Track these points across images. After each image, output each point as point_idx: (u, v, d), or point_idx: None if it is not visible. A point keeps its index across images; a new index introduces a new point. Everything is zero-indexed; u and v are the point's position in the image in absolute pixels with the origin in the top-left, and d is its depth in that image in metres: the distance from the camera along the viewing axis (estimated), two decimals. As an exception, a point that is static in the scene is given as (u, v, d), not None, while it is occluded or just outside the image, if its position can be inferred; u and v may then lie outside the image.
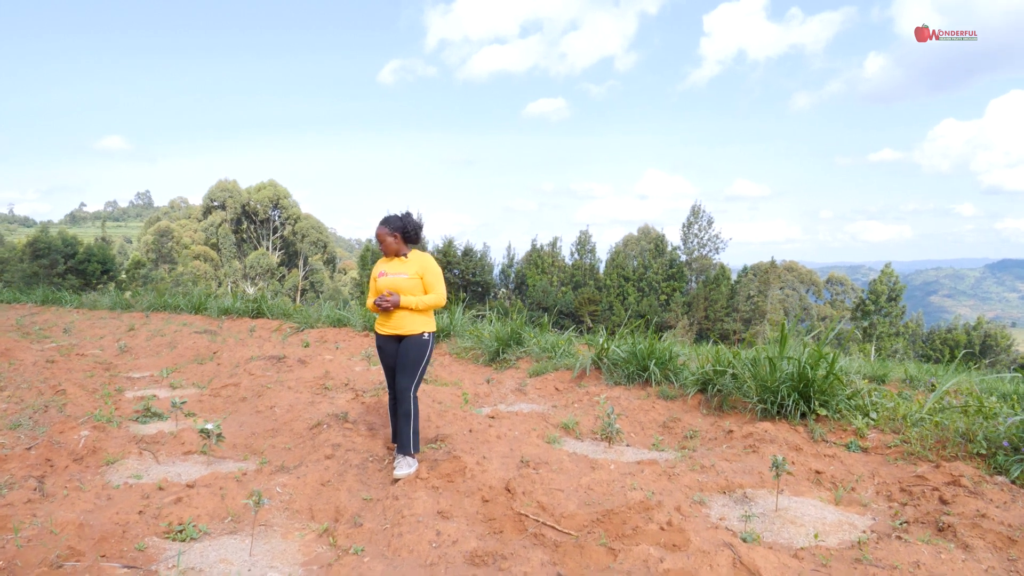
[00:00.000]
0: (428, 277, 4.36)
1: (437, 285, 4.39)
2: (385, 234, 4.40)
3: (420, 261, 4.41)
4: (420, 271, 4.35)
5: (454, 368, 8.35)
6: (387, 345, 4.49)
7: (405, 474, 4.16)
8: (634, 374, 6.78)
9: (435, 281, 4.39)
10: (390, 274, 4.41)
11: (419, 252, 4.49)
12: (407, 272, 4.36)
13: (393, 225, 4.41)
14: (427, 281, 4.36)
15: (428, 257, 4.44)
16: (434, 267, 4.41)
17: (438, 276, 4.42)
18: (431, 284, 4.37)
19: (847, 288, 76.10)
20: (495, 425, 5.17)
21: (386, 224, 4.41)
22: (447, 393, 6.70)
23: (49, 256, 40.18)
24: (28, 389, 6.76)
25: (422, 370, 4.37)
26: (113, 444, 4.98)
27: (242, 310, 13.81)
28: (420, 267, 4.37)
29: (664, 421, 5.82)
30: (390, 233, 4.40)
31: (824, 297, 75.06)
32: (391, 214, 4.47)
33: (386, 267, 4.49)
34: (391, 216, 4.46)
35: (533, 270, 57.71)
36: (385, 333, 4.47)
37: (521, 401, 6.86)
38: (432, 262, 4.42)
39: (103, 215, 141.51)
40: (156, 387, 7.56)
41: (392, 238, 4.40)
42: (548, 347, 8.32)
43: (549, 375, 7.48)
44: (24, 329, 12.98)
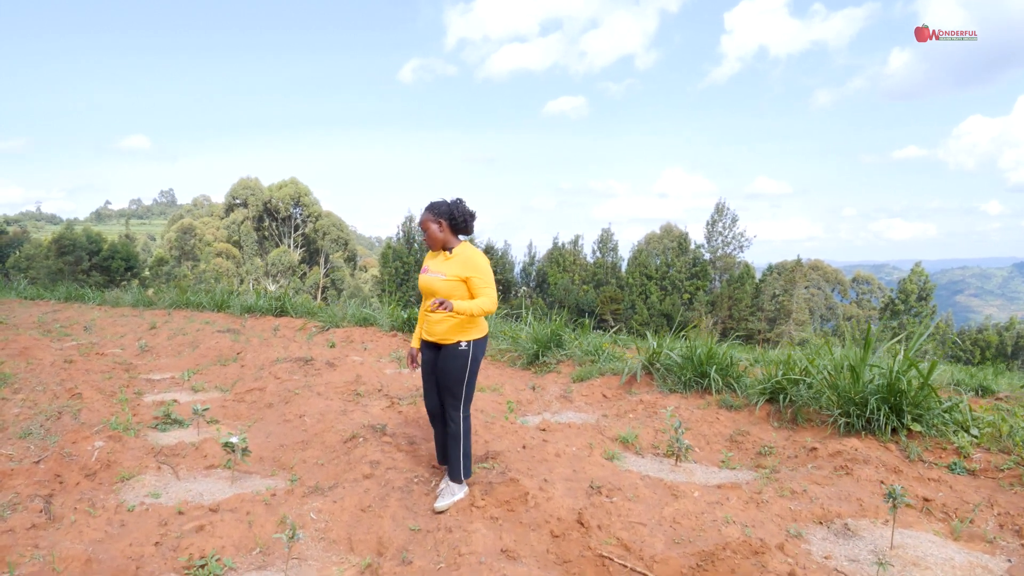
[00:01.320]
0: (475, 280, 3.64)
1: (486, 288, 3.65)
2: (429, 221, 3.73)
3: (465, 260, 3.69)
4: (463, 272, 3.66)
5: (491, 372, 7.84)
6: (426, 352, 3.91)
7: (445, 505, 3.65)
8: (691, 381, 6.21)
9: (483, 283, 3.65)
10: (430, 271, 3.77)
11: (468, 247, 3.78)
12: (446, 272, 3.69)
13: (439, 211, 3.73)
14: (473, 284, 3.64)
15: (476, 253, 3.72)
16: (482, 265, 3.68)
17: (487, 277, 3.68)
18: (478, 287, 3.63)
19: (874, 287, 74.52)
20: (550, 440, 4.65)
21: (431, 210, 3.75)
22: (488, 400, 6.19)
23: (74, 253, 40.41)
24: (43, 392, 6.36)
25: (467, 387, 3.74)
26: (129, 456, 4.53)
27: (265, 308, 13.43)
28: (464, 267, 3.67)
29: (731, 434, 5.26)
30: (434, 220, 3.72)
31: (850, 296, 73.56)
32: (439, 199, 3.83)
33: (429, 262, 3.85)
34: (437, 201, 3.79)
35: (555, 268, 57.15)
36: (424, 338, 3.89)
37: (568, 409, 6.33)
38: (480, 259, 3.69)
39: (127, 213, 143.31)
40: (177, 390, 7.14)
41: (437, 226, 3.73)
42: (591, 350, 7.78)
43: (595, 380, 6.94)
44: (45, 326, 12.71)
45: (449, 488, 3.75)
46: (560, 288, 52.71)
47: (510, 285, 54.92)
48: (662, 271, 57.78)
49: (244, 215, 64.40)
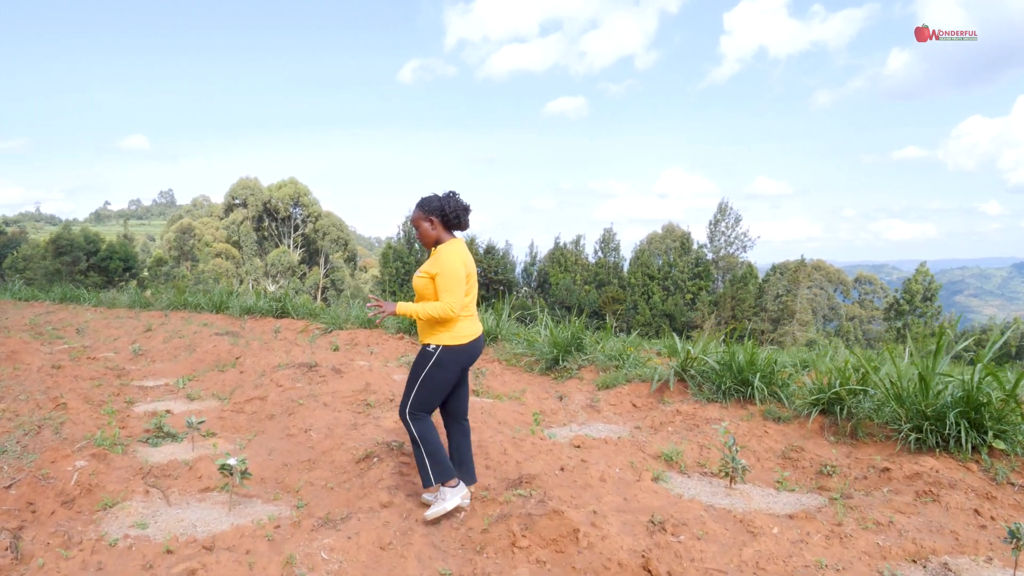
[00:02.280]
0: (438, 280, 3.38)
1: (444, 291, 3.36)
2: (420, 219, 3.53)
3: (437, 257, 3.45)
4: (432, 269, 3.42)
5: (507, 377, 7.32)
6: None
7: (435, 513, 3.37)
8: (731, 389, 5.70)
9: (443, 286, 3.36)
10: (420, 270, 3.53)
11: (450, 245, 3.49)
12: (422, 269, 3.48)
13: (429, 207, 3.51)
14: (436, 284, 3.39)
15: (450, 252, 3.43)
16: (449, 266, 3.38)
17: (451, 279, 3.36)
18: (439, 288, 3.38)
19: (876, 287, 74.08)
20: (588, 459, 4.13)
21: (421, 207, 3.53)
22: (509, 410, 5.67)
23: (71, 253, 39.89)
24: (26, 401, 5.85)
25: (420, 390, 3.47)
26: (114, 478, 4.02)
27: (265, 309, 12.92)
28: (434, 264, 3.43)
29: (783, 451, 4.75)
30: (425, 217, 3.51)
31: (852, 297, 73.07)
32: (429, 195, 3.58)
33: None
34: (428, 196, 3.56)
35: (556, 268, 56.64)
36: None
37: (596, 420, 5.81)
38: (449, 260, 3.39)
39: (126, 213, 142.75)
40: (171, 398, 6.63)
41: (428, 223, 3.52)
42: (614, 355, 7.26)
43: (622, 388, 6.43)
44: (37, 328, 12.20)
45: (435, 496, 3.51)
46: (562, 288, 52.19)
47: (511, 285, 54.43)
48: (664, 271, 57.33)
49: (243, 215, 63.82)
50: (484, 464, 4.00)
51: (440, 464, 3.46)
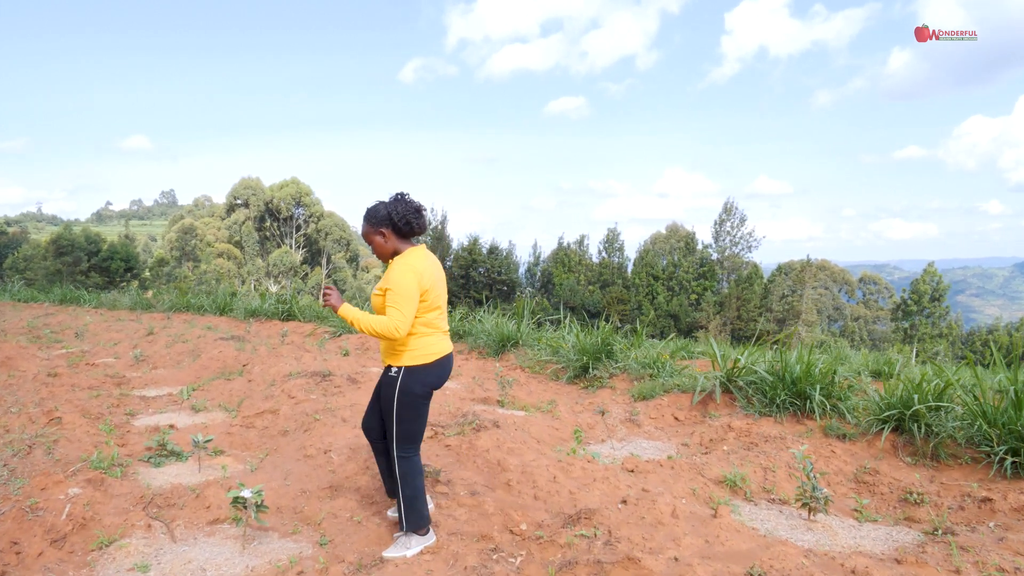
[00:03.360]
0: (389, 296, 2.97)
1: (392, 306, 2.94)
2: (370, 233, 3.12)
3: (391, 270, 3.03)
4: (385, 284, 3.03)
5: (532, 387, 6.85)
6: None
7: (392, 556, 3.07)
8: (786, 402, 5.22)
9: (392, 300, 2.95)
10: (376, 285, 3.16)
11: (409, 255, 3.08)
12: (379, 286, 3.09)
13: (376, 218, 3.09)
14: (387, 299, 2.99)
15: (402, 265, 3.00)
16: (399, 280, 2.95)
17: (400, 295, 2.93)
18: (389, 301, 2.97)
19: (880, 287, 73.57)
20: (649, 487, 3.65)
21: (368, 220, 3.12)
22: (543, 425, 5.20)
23: (72, 254, 39.47)
24: (18, 414, 5.38)
25: (402, 424, 3.08)
26: (112, 509, 3.55)
27: (271, 312, 12.47)
28: (388, 278, 3.02)
29: (855, 473, 4.28)
30: (375, 230, 3.10)
31: (857, 297, 72.54)
32: (375, 203, 3.15)
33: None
34: (373, 206, 3.13)
35: (560, 268, 56.20)
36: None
37: (637, 435, 5.34)
38: (400, 273, 2.96)
39: (128, 214, 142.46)
40: (175, 410, 6.16)
41: (380, 236, 3.11)
42: (648, 362, 6.79)
43: (661, 399, 5.95)
44: (35, 332, 11.74)
45: (402, 540, 3.15)
46: (566, 289, 51.74)
47: (514, 286, 53.97)
48: (669, 271, 56.92)
49: (245, 215, 63.41)
50: (532, 494, 3.52)
51: (417, 512, 3.12)
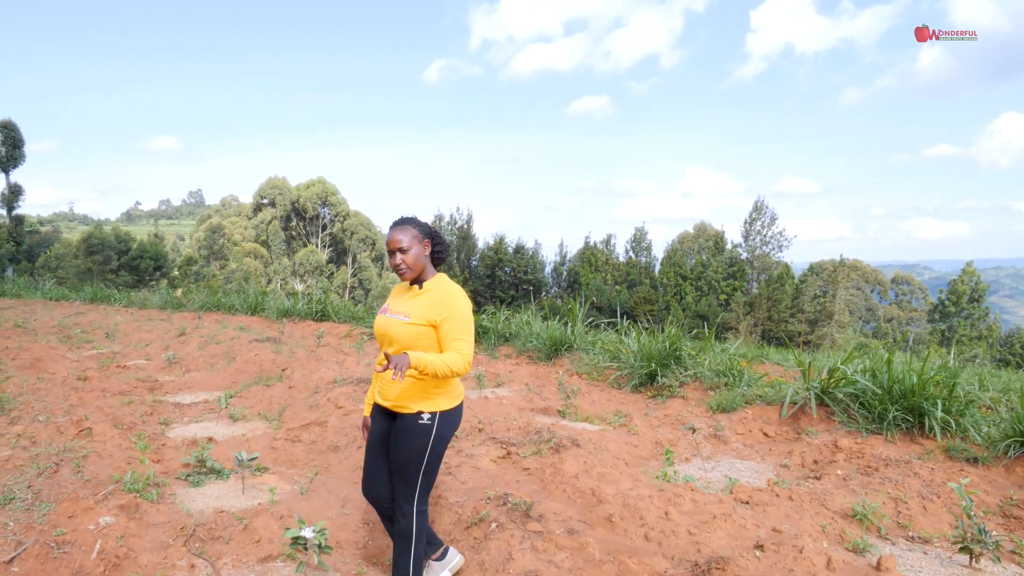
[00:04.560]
0: (449, 326, 2.49)
1: (461, 339, 2.48)
2: (415, 239, 2.57)
3: (442, 297, 2.54)
4: (435, 314, 2.51)
5: (595, 395, 6.28)
6: (378, 420, 2.75)
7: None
8: (897, 418, 4.60)
9: (459, 331, 2.49)
10: (391, 311, 2.62)
11: (447, 280, 2.65)
12: (411, 313, 2.54)
13: (425, 228, 2.64)
14: (445, 332, 2.50)
15: (457, 290, 2.58)
16: (463, 308, 2.53)
17: (466, 324, 2.52)
18: (450, 335, 2.49)
19: (914, 288, 71.76)
20: (780, 527, 3.08)
21: (415, 224, 2.62)
22: (621, 442, 4.64)
23: (103, 252, 39.73)
24: (46, 424, 4.96)
25: (426, 475, 2.62)
26: (149, 543, 3.07)
27: (304, 312, 12.05)
28: (437, 306, 2.52)
29: (999, 506, 3.66)
30: (420, 239, 2.59)
31: (889, 297, 70.82)
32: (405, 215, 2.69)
33: (393, 300, 2.71)
34: (412, 217, 2.66)
35: (586, 268, 55.52)
36: (378, 402, 2.73)
37: (725, 454, 4.76)
38: (462, 299, 2.56)
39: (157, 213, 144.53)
40: (212, 419, 5.71)
41: (422, 247, 2.59)
42: (723, 369, 6.19)
43: (745, 412, 5.36)
44: (66, 331, 11.46)
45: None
46: (592, 289, 51.09)
47: (540, 286, 53.45)
48: (697, 271, 55.95)
49: (272, 215, 63.60)
50: (642, 534, 2.97)
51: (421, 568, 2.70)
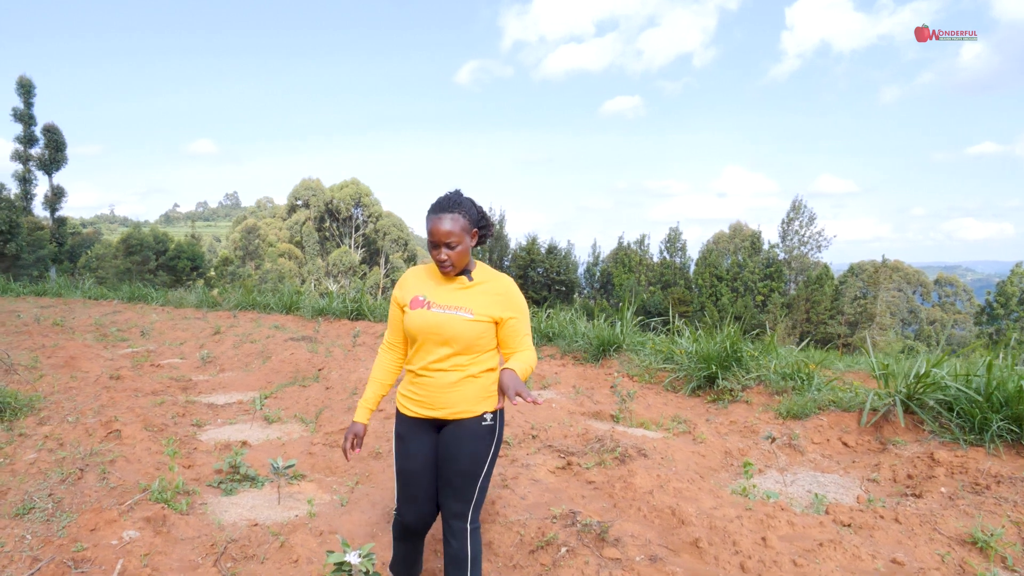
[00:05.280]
0: (516, 323, 2.24)
1: (528, 335, 2.29)
2: (465, 230, 2.17)
3: (504, 293, 2.24)
4: (500, 310, 2.22)
5: (650, 399, 5.86)
6: (418, 434, 2.31)
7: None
8: (1002, 429, 4.09)
9: (526, 329, 2.28)
10: (438, 305, 2.21)
11: (496, 273, 2.30)
12: (473, 308, 2.19)
13: (471, 213, 2.20)
14: (512, 330, 2.24)
15: (514, 285, 2.28)
16: (526, 305, 2.30)
17: (528, 319, 2.30)
18: (517, 334, 2.25)
19: (958, 289, 69.47)
20: (899, 558, 2.64)
21: (460, 208, 2.17)
22: (687, 451, 4.21)
23: (141, 253, 40.41)
24: (74, 425, 4.72)
25: (486, 480, 2.29)
26: (176, 562, 2.75)
27: (339, 311, 11.83)
28: (502, 302, 2.23)
29: None
30: (468, 228, 2.18)
31: (932, 299, 68.61)
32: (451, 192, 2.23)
33: (431, 291, 2.25)
34: (460, 196, 2.22)
35: (620, 268, 54.83)
36: (416, 414, 2.29)
37: (802, 465, 4.30)
38: (519, 293, 2.29)
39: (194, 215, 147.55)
40: (246, 420, 5.43)
41: (469, 237, 2.20)
42: (788, 372, 5.72)
43: (819, 419, 4.89)
44: (102, 329, 11.40)
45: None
46: (626, 289, 50.41)
47: (573, 286, 52.95)
48: (733, 272, 54.86)
49: (306, 216, 64.21)
50: (737, 563, 2.56)
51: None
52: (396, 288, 2.34)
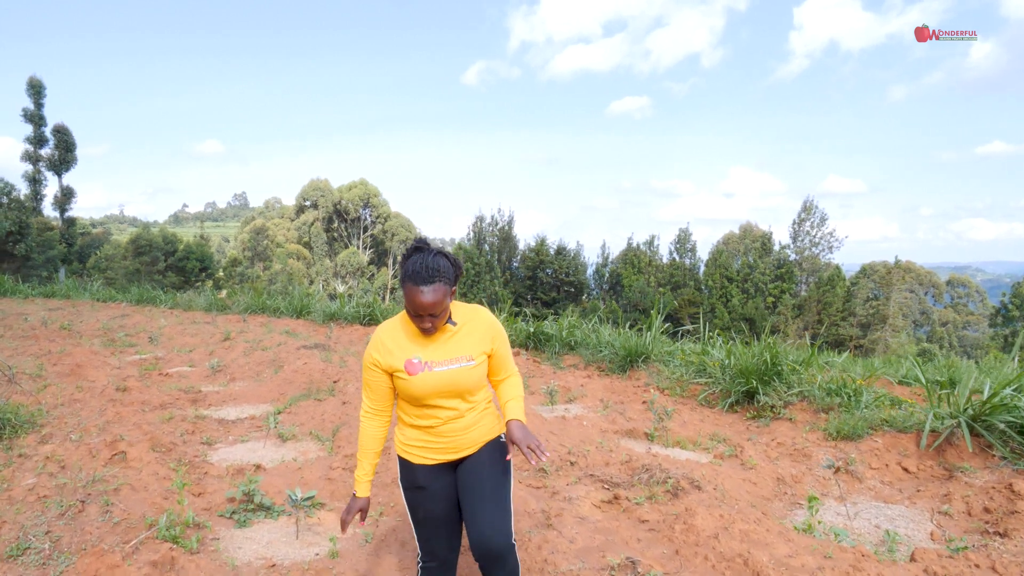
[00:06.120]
0: (502, 349, 2.25)
1: (511, 357, 2.32)
2: (443, 296, 2.01)
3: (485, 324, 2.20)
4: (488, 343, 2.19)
5: (685, 416, 5.53)
6: (439, 478, 2.23)
7: None
8: (1085, 457, 3.74)
9: (509, 352, 2.31)
10: (439, 364, 2.11)
11: (464, 305, 2.23)
12: (470, 353, 2.14)
13: (448, 277, 2.04)
14: (500, 356, 2.25)
15: (484, 311, 2.24)
16: (500, 325, 2.26)
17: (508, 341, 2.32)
18: (505, 359, 2.27)
19: (971, 290, 68.64)
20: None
21: (440, 280, 2.00)
22: (736, 478, 3.88)
23: (150, 253, 40.29)
24: (77, 444, 4.43)
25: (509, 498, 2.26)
26: (186, 616, 2.44)
27: (351, 315, 11.55)
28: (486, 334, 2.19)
29: None
30: (448, 288, 2.04)
31: (944, 301, 67.83)
32: (426, 254, 2.03)
33: (422, 351, 2.12)
34: (434, 261, 2.02)
35: (629, 270, 54.39)
36: (437, 461, 2.22)
37: (861, 493, 3.96)
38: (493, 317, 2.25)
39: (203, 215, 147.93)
40: (259, 438, 5.13)
41: (449, 296, 2.07)
42: (835, 388, 5.37)
43: (873, 441, 4.54)
44: (110, 335, 11.15)
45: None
46: (635, 290, 50.00)
47: (582, 287, 52.59)
48: (744, 273, 54.36)
49: (314, 216, 64.09)
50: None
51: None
52: (374, 352, 2.14)
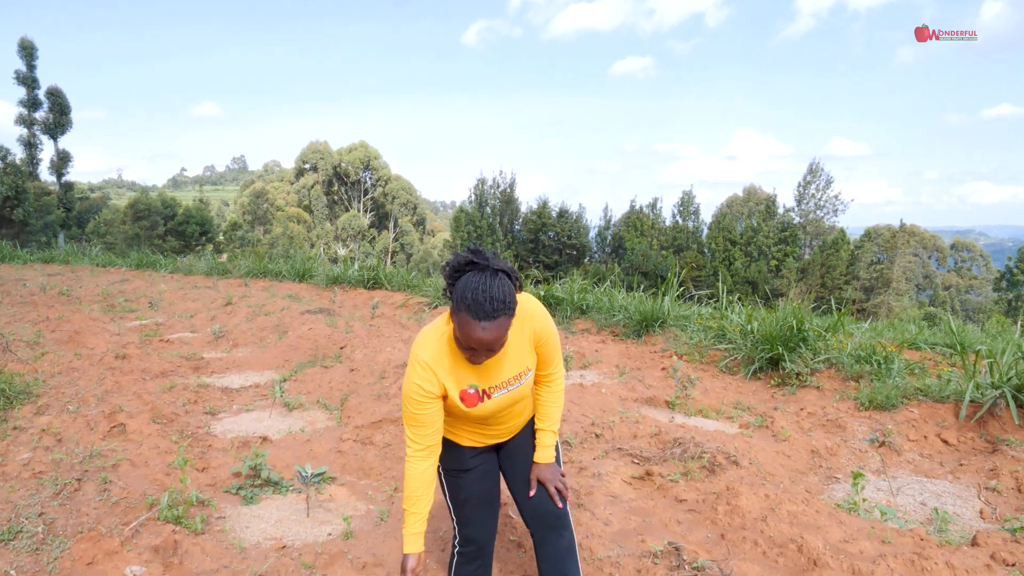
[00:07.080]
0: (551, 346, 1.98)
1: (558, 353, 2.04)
2: (506, 331, 1.71)
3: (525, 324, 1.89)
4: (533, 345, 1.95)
5: (707, 383, 5.31)
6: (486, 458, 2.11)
7: None
8: None
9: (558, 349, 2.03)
10: (498, 387, 1.90)
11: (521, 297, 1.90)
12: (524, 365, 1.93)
13: (512, 303, 1.70)
14: (547, 354, 1.99)
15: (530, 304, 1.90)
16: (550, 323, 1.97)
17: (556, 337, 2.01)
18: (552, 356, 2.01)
19: (975, 254, 68.18)
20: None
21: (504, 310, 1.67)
22: (770, 451, 3.67)
23: (150, 218, 39.93)
24: (75, 415, 4.23)
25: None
26: (191, 608, 2.25)
27: (355, 279, 11.28)
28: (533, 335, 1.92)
29: None
30: (512, 319, 1.73)
31: (948, 264, 67.44)
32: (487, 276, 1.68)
33: (477, 377, 1.88)
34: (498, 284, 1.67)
35: (632, 232, 53.94)
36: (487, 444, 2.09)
37: (900, 467, 3.76)
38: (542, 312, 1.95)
39: (202, 179, 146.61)
40: (264, 407, 4.92)
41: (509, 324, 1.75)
42: (864, 355, 5.14)
43: (909, 411, 4.33)
44: (110, 300, 10.92)
45: None
46: (637, 254, 49.63)
47: (584, 250, 52.24)
48: (747, 236, 53.93)
49: (314, 179, 63.41)
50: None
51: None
52: (422, 383, 1.82)
